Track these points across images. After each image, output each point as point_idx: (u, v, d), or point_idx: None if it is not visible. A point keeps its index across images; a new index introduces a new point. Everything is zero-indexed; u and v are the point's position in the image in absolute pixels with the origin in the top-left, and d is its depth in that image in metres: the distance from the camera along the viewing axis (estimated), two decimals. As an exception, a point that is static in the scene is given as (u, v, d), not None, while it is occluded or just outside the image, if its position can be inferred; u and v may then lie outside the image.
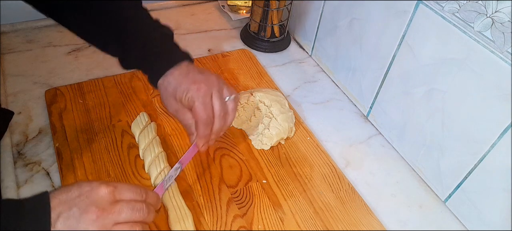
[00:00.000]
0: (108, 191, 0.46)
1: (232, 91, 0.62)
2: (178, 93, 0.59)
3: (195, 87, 0.58)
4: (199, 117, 0.58)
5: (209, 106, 0.58)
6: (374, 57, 0.77)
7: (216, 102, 0.59)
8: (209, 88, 0.59)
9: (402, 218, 0.67)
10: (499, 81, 0.56)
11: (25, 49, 0.88)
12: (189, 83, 0.58)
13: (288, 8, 0.95)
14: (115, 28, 0.60)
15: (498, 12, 0.54)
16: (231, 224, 0.61)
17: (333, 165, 0.71)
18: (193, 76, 0.59)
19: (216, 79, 0.60)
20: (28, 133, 0.71)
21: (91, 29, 0.61)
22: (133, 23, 0.61)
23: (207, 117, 0.58)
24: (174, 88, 0.59)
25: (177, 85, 0.59)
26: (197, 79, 0.59)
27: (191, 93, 0.58)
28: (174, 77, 0.59)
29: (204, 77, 0.59)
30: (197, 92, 0.58)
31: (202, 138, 0.60)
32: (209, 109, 0.58)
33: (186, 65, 0.60)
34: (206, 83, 0.59)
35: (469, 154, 0.62)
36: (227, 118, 0.61)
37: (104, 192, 0.46)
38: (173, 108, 0.61)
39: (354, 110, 0.85)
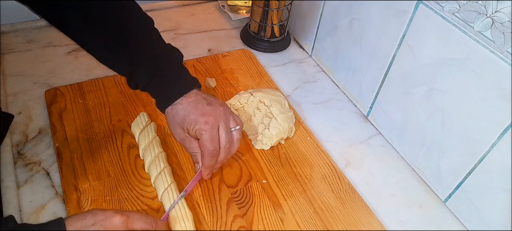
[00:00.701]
0: (121, 221, 0.48)
1: (238, 121, 0.63)
2: (185, 124, 0.60)
3: (203, 120, 0.59)
4: (206, 149, 0.59)
5: (216, 139, 0.59)
6: (374, 57, 0.77)
7: (223, 134, 0.60)
8: (216, 120, 0.59)
9: (402, 218, 0.67)
10: (499, 81, 0.56)
11: (25, 49, 0.88)
12: (198, 115, 0.59)
13: (288, 8, 0.95)
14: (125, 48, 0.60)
15: (498, 12, 0.54)
16: (231, 224, 0.61)
17: (333, 165, 0.71)
18: (201, 108, 0.60)
19: (223, 111, 0.61)
20: (28, 133, 0.71)
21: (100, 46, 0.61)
22: (143, 44, 0.61)
23: (214, 149, 0.60)
24: (182, 118, 0.60)
25: (185, 116, 0.59)
26: (205, 111, 0.59)
27: (199, 125, 0.59)
28: (183, 107, 0.60)
29: (212, 109, 0.60)
30: (205, 125, 0.58)
31: (207, 168, 0.62)
32: (216, 142, 0.59)
33: (195, 93, 0.61)
34: (214, 115, 0.59)
35: (469, 154, 0.62)
36: (232, 148, 0.63)
37: (117, 221, 0.48)
38: (180, 137, 0.62)
39: (354, 110, 0.85)
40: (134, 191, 0.63)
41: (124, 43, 0.60)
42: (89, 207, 0.60)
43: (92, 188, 0.63)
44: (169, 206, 0.60)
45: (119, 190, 0.63)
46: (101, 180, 0.64)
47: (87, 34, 0.60)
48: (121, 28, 0.60)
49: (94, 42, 0.61)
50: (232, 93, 0.81)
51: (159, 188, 0.62)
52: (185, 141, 0.62)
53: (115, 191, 0.63)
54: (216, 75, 0.86)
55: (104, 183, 0.64)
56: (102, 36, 0.60)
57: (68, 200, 0.61)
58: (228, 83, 0.85)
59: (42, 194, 0.63)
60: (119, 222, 0.48)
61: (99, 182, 0.64)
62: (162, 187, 0.62)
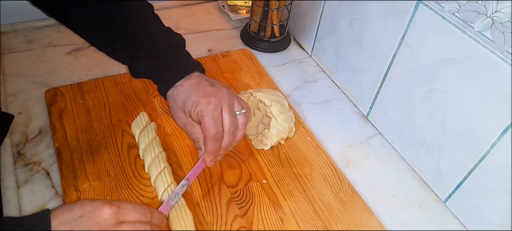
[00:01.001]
0: (111, 212, 0.44)
1: (244, 104, 0.60)
2: (187, 106, 0.56)
3: (205, 101, 0.55)
4: (208, 132, 0.55)
5: (218, 120, 0.56)
6: (374, 57, 0.77)
7: (226, 116, 0.56)
8: (219, 101, 0.56)
9: (402, 218, 0.67)
10: (499, 81, 0.56)
11: (25, 49, 0.88)
12: (199, 96, 0.56)
13: (288, 8, 0.95)
14: (124, 34, 0.58)
15: (498, 12, 0.54)
16: (231, 224, 0.61)
17: (333, 165, 0.71)
18: (203, 88, 0.57)
19: (227, 92, 0.58)
20: (28, 133, 0.71)
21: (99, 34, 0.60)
22: (143, 29, 0.59)
23: (217, 132, 0.56)
24: (183, 101, 0.57)
25: (187, 97, 0.56)
26: (207, 91, 0.56)
27: (200, 106, 0.55)
28: (184, 89, 0.57)
29: (215, 90, 0.57)
30: (207, 105, 0.55)
31: (210, 154, 0.58)
32: (218, 124, 0.56)
33: (197, 75, 0.59)
34: (216, 96, 0.56)
35: (469, 154, 0.62)
36: (237, 133, 0.59)
37: (107, 213, 0.44)
38: (182, 122, 0.59)
39: (354, 110, 0.85)
40: (134, 191, 0.63)
41: (122, 30, 0.58)
42: (89, 207, 0.60)
43: (92, 188, 0.63)
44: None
45: (119, 190, 0.63)
46: (101, 180, 0.64)
47: (86, 23, 0.59)
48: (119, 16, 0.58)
49: (93, 31, 0.60)
50: (232, 93, 0.81)
51: (159, 188, 0.62)
52: (187, 126, 0.58)
53: (115, 191, 0.63)
54: (216, 75, 0.86)
55: (104, 183, 0.64)
56: (101, 25, 0.58)
57: (68, 200, 0.61)
58: (228, 83, 0.85)
59: (42, 194, 0.63)
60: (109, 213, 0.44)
61: (99, 182, 0.64)
62: (162, 187, 0.62)
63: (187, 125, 0.58)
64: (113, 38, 0.59)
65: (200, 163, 0.60)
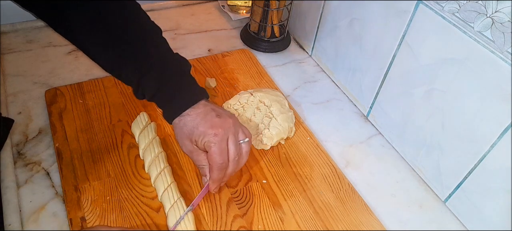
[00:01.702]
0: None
1: (247, 133, 0.62)
2: (194, 136, 0.58)
3: (212, 132, 0.57)
4: (214, 162, 0.58)
5: (225, 151, 0.58)
6: (374, 57, 0.77)
7: (232, 147, 0.59)
8: (225, 133, 0.58)
9: (402, 218, 0.67)
10: (499, 81, 0.56)
11: (25, 49, 0.88)
12: (207, 127, 0.58)
13: (288, 8, 0.95)
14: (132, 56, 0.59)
15: (498, 12, 0.54)
16: (231, 224, 0.61)
17: (333, 165, 0.71)
18: (210, 120, 0.58)
19: (233, 123, 0.60)
20: (28, 133, 0.71)
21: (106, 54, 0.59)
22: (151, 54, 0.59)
23: (223, 162, 0.58)
24: (190, 130, 0.58)
25: (194, 127, 0.58)
26: (214, 123, 0.58)
27: (207, 137, 0.57)
28: (191, 119, 0.58)
29: (221, 121, 0.58)
30: (214, 137, 0.57)
31: (215, 182, 0.60)
32: (224, 155, 0.58)
33: (203, 104, 0.60)
34: (223, 127, 0.58)
35: (469, 154, 0.62)
36: (241, 161, 0.61)
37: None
38: (188, 149, 0.60)
39: (354, 110, 0.85)
40: (134, 191, 0.63)
41: (131, 53, 0.59)
42: (89, 207, 0.60)
43: (92, 188, 0.63)
44: (169, 207, 0.60)
45: (119, 190, 0.63)
46: (101, 180, 0.64)
47: (92, 43, 0.59)
48: (128, 38, 0.58)
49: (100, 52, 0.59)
50: (232, 93, 0.81)
51: (159, 188, 0.62)
52: (193, 153, 0.60)
53: (115, 191, 0.63)
54: (216, 75, 0.86)
55: (104, 183, 0.64)
56: (109, 46, 0.58)
57: (68, 200, 0.61)
58: (228, 83, 0.85)
59: (42, 194, 0.63)
60: None
61: (99, 182, 0.64)
62: (162, 187, 0.62)
63: (193, 152, 0.60)
64: (120, 59, 0.59)
65: (204, 189, 0.63)
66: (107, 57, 0.60)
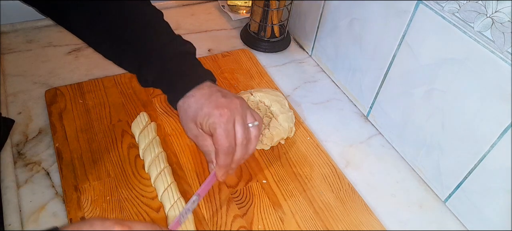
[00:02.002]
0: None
1: (256, 116, 0.58)
2: (198, 118, 0.55)
3: (217, 113, 0.53)
4: (220, 145, 0.54)
5: (231, 133, 0.54)
6: (374, 57, 0.77)
7: (239, 129, 0.54)
8: (232, 113, 0.54)
9: (402, 218, 0.67)
10: (499, 81, 0.56)
11: (25, 49, 0.88)
12: (211, 107, 0.54)
13: (288, 8, 0.95)
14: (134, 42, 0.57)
15: (498, 12, 0.54)
16: (231, 224, 0.61)
17: (333, 165, 0.71)
18: (215, 100, 0.55)
19: (240, 104, 0.56)
20: (28, 133, 0.71)
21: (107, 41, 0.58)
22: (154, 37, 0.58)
23: (229, 145, 0.54)
24: (194, 112, 0.55)
25: (198, 109, 0.55)
26: (220, 103, 0.54)
27: (213, 118, 0.53)
28: (195, 100, 0.55)
29: (227, 102, 0.55)
30: (219, 118, 0.53)
31: (222, 168, 0.56)
32: (231, 137, 0.54)
33: (208, 86, 0.57)
34: (229, 108, 0.54)
35: (469, 154, 0.62)
36: (250, 146, 0.57)
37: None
38: (193, 133, 0.57)
39: (354, 110, 0.85)
40: (134, 191, 0.63)
41: (131, 39, 0.57)
42: (89, 207, 0.60)
43: (92, 188, 0.63)
44: (169, 206, 0.60)
45: (119, 190, 0.63)
46: (101, 180, 0.64)
47: (92, 32, 0.57)
48: (127, 24, 0.57)
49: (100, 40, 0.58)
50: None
51: (159, 188, 0.62)
52: (198, 138, 0.56)
53: (115, 191, 0.63)
54: (216, 75, 0.85)
55: (104, 183, 0.64)
56: (108, 33, 0.57)
57: (68, 200, 0.61)
58: (228, 83, 0.85)
59: (42, 194, 0.63)
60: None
61: (99, 182, 0.64)
62: (162, 187, 0.62)
63: (198, 137, 0.57)
64: (122, 45, 0.57)
65: (211, 177, 0.58)
66: (108, 45, 0.58)
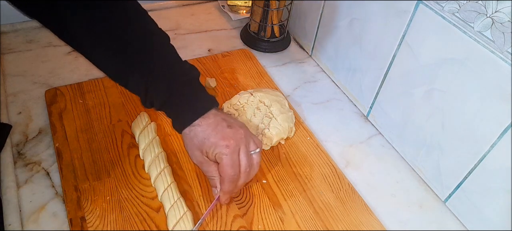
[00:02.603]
0: None
1: (258, 143, 0.61)
2: (205, 147, 0.57)
3: (223, 144, 0.56)
4: (226, 174, 0.57)
5: (236, 163, 0.57)
6: (374, 57, 0.77)
7: (243, 158, 0.58)
8: (237, 144, 0.57)
9: (402, 218, 0.67)
10: (499, 81, 0.56)
11: (25, 49, 0.88)
12: (218, 138, 0.57)
13: (288, 8, 0.95)
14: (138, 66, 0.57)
15: (498, 12, 0.54)
16: (231, 224, 0.61)
17: (333, 165, 0.71)
18: (221, 130, 0.57)
19: (244, 133, 0.59)
20: (28, 133, 0.71)
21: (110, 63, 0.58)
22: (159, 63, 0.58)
23: (234, 174, 0.57)
24: (201, 141, 0.57)
25: (205, 139, 0.57)
26: (225, 134, 0.57)
27: (219, 149, 0.56)
28: (202, 129, 0.57)
29: (233, 132, 0.58)
30: (225, 149, 0.56)
31: (226, 193, 0.60)
32: (236, 166, 0.57)
33: (214, 114, 0.59)
34: (234, 139, 0.57)
35: (469, 154, 0.62)
36: (251, 172, 0.61)
37: None
38: (198, 160, 0.60)
39: (354, 110, 0.85)
40: (134, 191, 0.63)
41: (137, 63, 0.57)
42: (89, 207, 0.60)
43: (92, 188, 0.63)
44: (169, 206, 0.60)
45: (119, 190, 0.63)
46: (101, 180, 0.64)
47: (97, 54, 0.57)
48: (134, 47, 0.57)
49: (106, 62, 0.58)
50: (232, 93, 0.81)
51: (159, 188, 0.62)
52: (203, 164, 0.59)
53: (115, 191, 0.63)
54: (216, 75, 0.86)
55: (104, 183, 0.64)
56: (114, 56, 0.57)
57: (68, 200, 0.61)
58: (228, 83, 0.85)
59: (42, 194, 0.63)
60: None
61: (99, 182, 0.64)
62: (162, 187, 0.62)
63: (203, 163, 0.59)
64: (127, 70, 0.57)
65: (215, 202, 0.62)
66: (113, 67, 0.58)
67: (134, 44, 0.57)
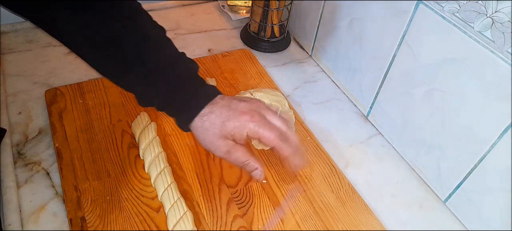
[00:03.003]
0: None
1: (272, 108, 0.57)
2: (228, 130, 0.52)
3: (248, 117, 0.52)
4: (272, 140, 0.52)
5: (271, 126, 0.53)
6: (374, 57, 0.77)
7: (274, 119, 0.54)
8: (259, 112, 0.53)
9: (402, 218, 0.67)
10: (499, 81, 0.56)
11: (25, 49, 0.88)
12: (238, 115, 0.52)
13: (288, 8, 0.95)
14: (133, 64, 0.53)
15: (498, 12, 0.54)
16: (231, 224, 0.61)
17: (333, 165, 0.71)
18: (237, 108, 0.53)
19: (259, 101, 0.56)
20: (28, 133, 0.71)
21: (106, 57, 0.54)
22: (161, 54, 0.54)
23: (279, 133, 0.53)
24: (221, 127, 0.52)
25: (225, 121, 0.52)
26: (243, 108, 0.53)
27: (246, 124, 0.52)
28: (216, 115, 0.52)
29: (249, 104, 0.54)
30: (251, 121, 0.52)
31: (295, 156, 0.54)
32: (274, 128, 0.53)
33: (220, 98, 0.54)
34: (255, 109, 0.53)
35: (469, 154, 0.62)
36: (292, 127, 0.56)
37: None
38: (224, 150, 0.53)
39: (354, 110, 0.85)
40: (134, 191, 0.63)
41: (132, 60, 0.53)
42: (89, 207, 0.60)
43: (92, 188, 0.63)
44: (169, 207, 0.60)
45: (119, 190, 0.63)
46: (101, 180, 0.64)
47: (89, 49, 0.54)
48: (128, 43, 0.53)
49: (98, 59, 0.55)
50: (232, 93, 0.81)
51: (159, 188, 0.62)
52: (231, 152, 0.53)
53: (115, 191, 0.63)
54: (216, 75, 0.86)
55: (104, 183, 0.64)
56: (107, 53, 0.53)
57: (68, 200, 0.61)
58: (228, 83, 0.85)
59: (42, 194, 0.63)
60: None
61: (99, 182, 0.64)
62: (162, 187, 0.62)
63: (231, 151, 0.53)
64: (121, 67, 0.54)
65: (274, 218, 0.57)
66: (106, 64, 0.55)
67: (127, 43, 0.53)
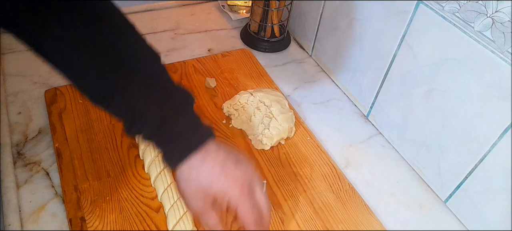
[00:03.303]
0: None
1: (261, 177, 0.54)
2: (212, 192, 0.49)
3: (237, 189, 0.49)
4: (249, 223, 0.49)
5: (256, 211, 0.50)
6: (374, 57, 0.77)
7: (262, 198, 0.51)
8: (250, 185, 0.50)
9: (402, 218, 0.67)
10: (499, 81, 0.56)
11: (25, 49, 0.87)
12: (229, 181, 0.49)
13: (288, 8, 0.95)
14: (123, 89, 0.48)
15: (498, 12, 0.54)
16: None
17: (333, 165, 0.71)
18: (230, 171, 0.49)
19: (252, 170, 0.52)
20: (28, 133, 0.71)
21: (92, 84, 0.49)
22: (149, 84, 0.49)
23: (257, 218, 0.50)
24: (207, 185, 0.49)
25: (212, 182, 0.49)
26: (237, 175, 0.49)
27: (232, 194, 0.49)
28: (207, 168, 0.49)
29: (243, 173, 0.50)
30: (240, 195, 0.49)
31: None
32: (256, 211, 0.50)
33: (215, 150, 0.50)
34: (247, 179, 0.50)
35: (469, 154, 0.62)
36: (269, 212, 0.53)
37: None
38: (198, 208, 0.50)
39: (354, 110, 0.85)
40: (134, 191, 0.63)
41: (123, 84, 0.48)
42: (89, 207, 0.60)
43: (92, 188, 0.63)
44: (169, 207, 0.60)
45: (119, 190, 0.63)
46: (101, 180, 0.64)
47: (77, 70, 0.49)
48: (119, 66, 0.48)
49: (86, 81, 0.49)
50: (232, 93, 0.81)
51: (159, 188, 0.62)
52: (204, 214, 0.50)
53: (115, 191, 0.63)
54: (216, 75, 0.86)
55: (104, 183, 0.64)
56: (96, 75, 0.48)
57: (68, 200, 0.61)
58: (228, 83, 0.85)
59: (42, 194, 0.63)
60: None
61: (99, 182, 0.64)
62: (162, 187, 0.62)
63: (205, 213, 0.50)
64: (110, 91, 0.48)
65: None
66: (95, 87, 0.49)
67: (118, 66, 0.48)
